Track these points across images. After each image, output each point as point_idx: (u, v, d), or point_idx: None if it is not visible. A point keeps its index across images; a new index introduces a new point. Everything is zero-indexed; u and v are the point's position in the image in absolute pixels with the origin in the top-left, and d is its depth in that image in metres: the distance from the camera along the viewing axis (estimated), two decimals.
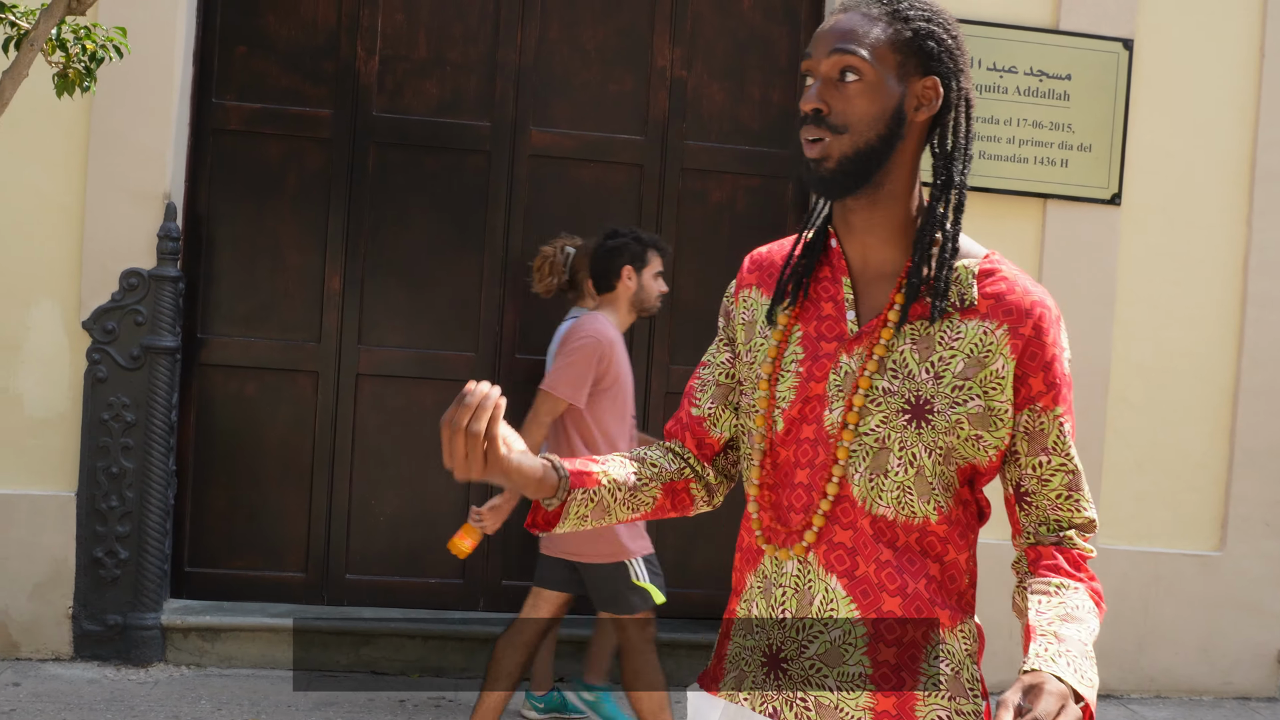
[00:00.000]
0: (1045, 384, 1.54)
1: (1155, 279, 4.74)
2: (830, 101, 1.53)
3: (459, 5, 4.54)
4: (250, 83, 4.46)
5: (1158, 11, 4.66)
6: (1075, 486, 1.57)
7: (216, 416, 4.54)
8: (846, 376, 1.57)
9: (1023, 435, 1.56)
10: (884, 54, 1.53)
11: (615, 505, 1.68)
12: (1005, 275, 1.57)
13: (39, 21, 2.81)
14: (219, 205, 4.48)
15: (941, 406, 1.53)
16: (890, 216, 1.59)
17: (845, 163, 1.53)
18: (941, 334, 1.55)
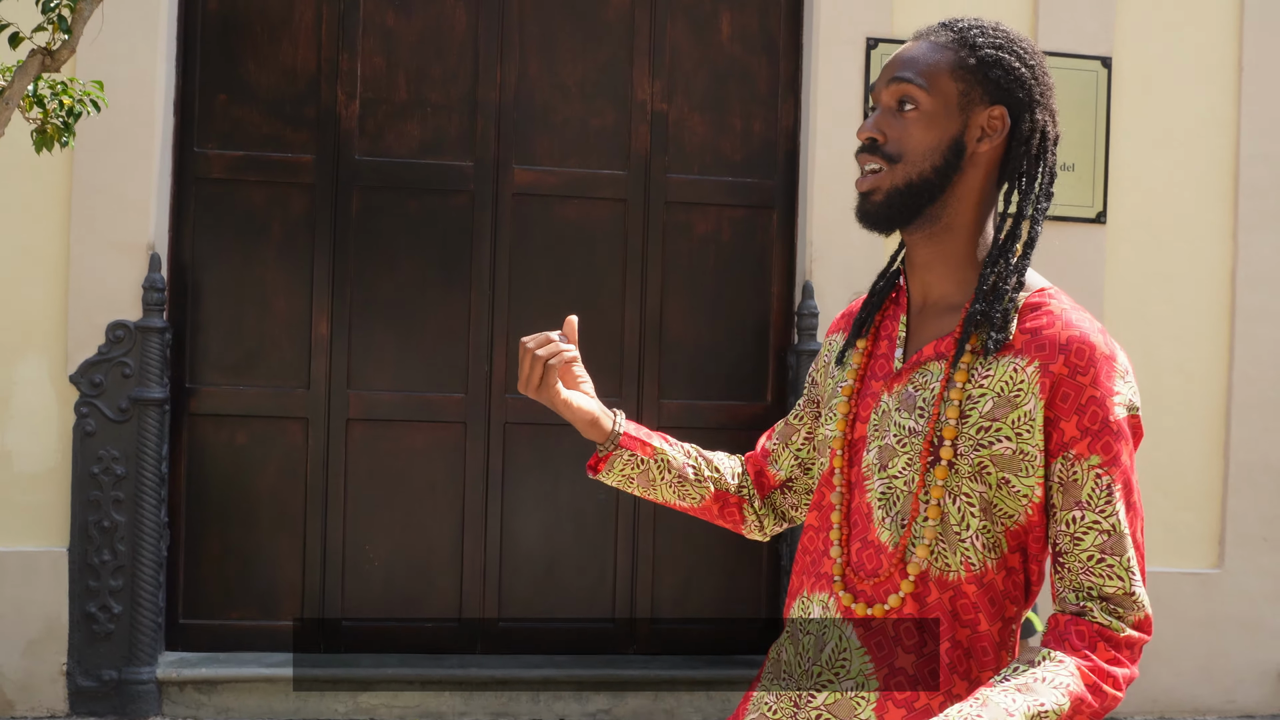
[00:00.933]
0: (1079, 429, 1.40)
1: (1143, 296, 4.74)
2: (887, 130, 1.49)
3: (438, 46, 4.55)
4: (232, 130, 4.46)
5: (1134, 29, 4.68)
6: (1111, 550, 1.40)
7: (207, 466, 4.51)
8: (884, 416, 1.52)
9: (1057, 486, 1.43)
10: (944, 82, 1.48)
11: (661, 483, 1.73)
12: (1050, 309, 1.46)
13: (14, 79, 2.80)
14: (204, 254, 4.47)
15: (965, 449, 1.43)
16: (951, 251, 1.51)
17: (894, 195, 1.48)
18: (973, 371, 1.45)
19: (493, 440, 4.60)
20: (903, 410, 1.50)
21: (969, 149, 1.49)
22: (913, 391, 1.50)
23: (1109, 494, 1.41)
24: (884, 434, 1.51)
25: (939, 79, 1.48)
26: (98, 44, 4.04)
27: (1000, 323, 1.44)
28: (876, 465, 1.50)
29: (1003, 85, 1.49)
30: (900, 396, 1.51)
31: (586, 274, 4.64)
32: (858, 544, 1.52)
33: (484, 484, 4.60)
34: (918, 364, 1.51)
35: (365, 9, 4.50)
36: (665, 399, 4.67)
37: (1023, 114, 1.50)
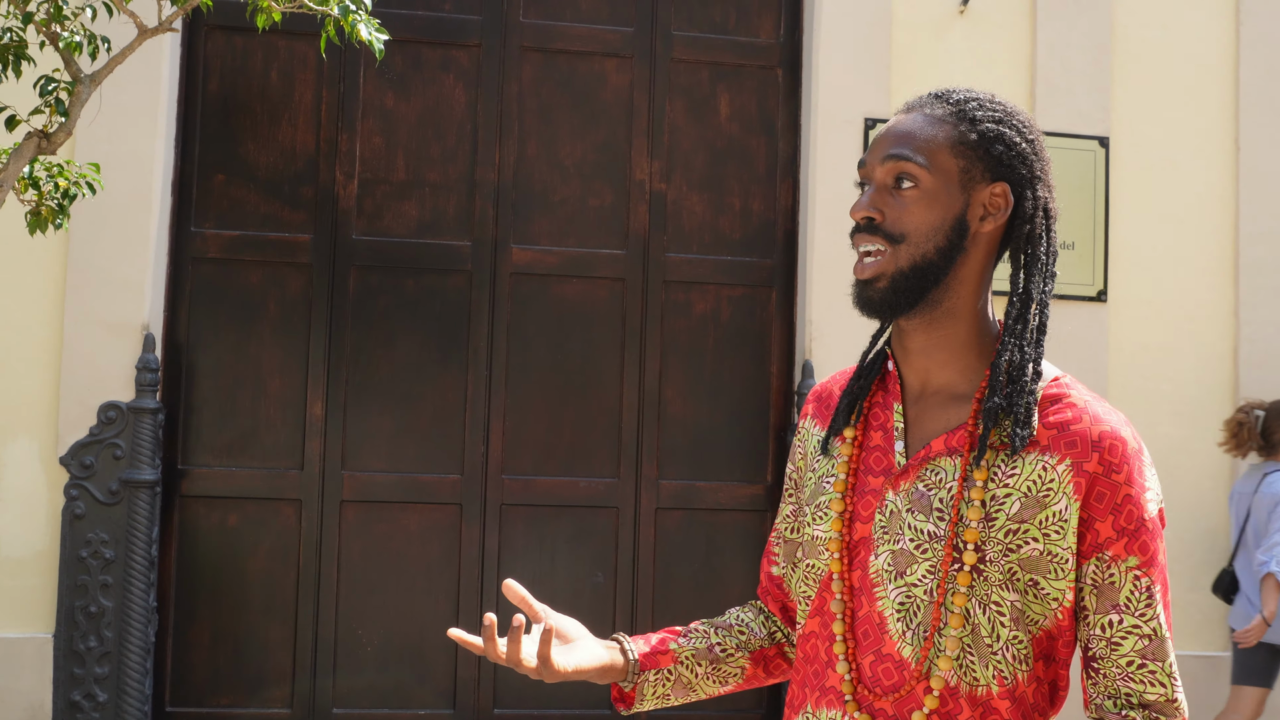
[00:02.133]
0: (1115, 529, 1.33)
1: (1147, 374, 4.70)
2: (885, 209, 1.40)
3: (437, 126, 4.55)
4: (229, 210, 4.45)
5: (1131, 109, 4.70)
6: (1152, 655, 1.33)
7: (199, 549, 4.43)
8: (893, 517, 1.40)
9: (1090, 588, 1.35)
10: (944, 159, 1.40)
11: (698, 681, 1.57)
12: (1073, 401, 1.38)
13: (9, 162, 2.78)
14: (199, 334, 4.43)
15: (994, 554, 1.34)
16: (951, 337, 1.42)
17: (899, 280, 1.38)
18: (995, 469, 1.36)
19: (489, 522, 4.53)
20: (916, 511, 1.38)
21: (972, 228, 1.41)
22: (925, 491, 1.39)
23: (1149, 596, 1.33)
24: (897, 537, 1.39)
25: (939, 155, 1.40)
26: (96, 124, 4.05)
27: (1024, 417, 1.36)
28: (891, 572, 1.39)
29: (1004, 161, 1.41)
30: (911, 496, 1.39)
31: (585, 353, 4.60)
32: (870, 657, 1.39)
33: (479, 566, 4.52)
34: (926, 460, 1.40)
35: (365, 90, 4.51)
36: (664, 479, 4.61)
37: (1025, 190, 1.42)
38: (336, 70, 4.48)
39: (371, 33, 2.82)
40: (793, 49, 4.70)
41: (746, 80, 4.70)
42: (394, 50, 4.52)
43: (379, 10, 4.39)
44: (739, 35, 4.70)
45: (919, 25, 4.57)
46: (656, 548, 4.60)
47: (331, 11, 2.80)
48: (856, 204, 1.42)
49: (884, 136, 1.44)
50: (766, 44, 4.71)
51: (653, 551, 4.59)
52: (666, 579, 4.59)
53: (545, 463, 4.57)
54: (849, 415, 1.48)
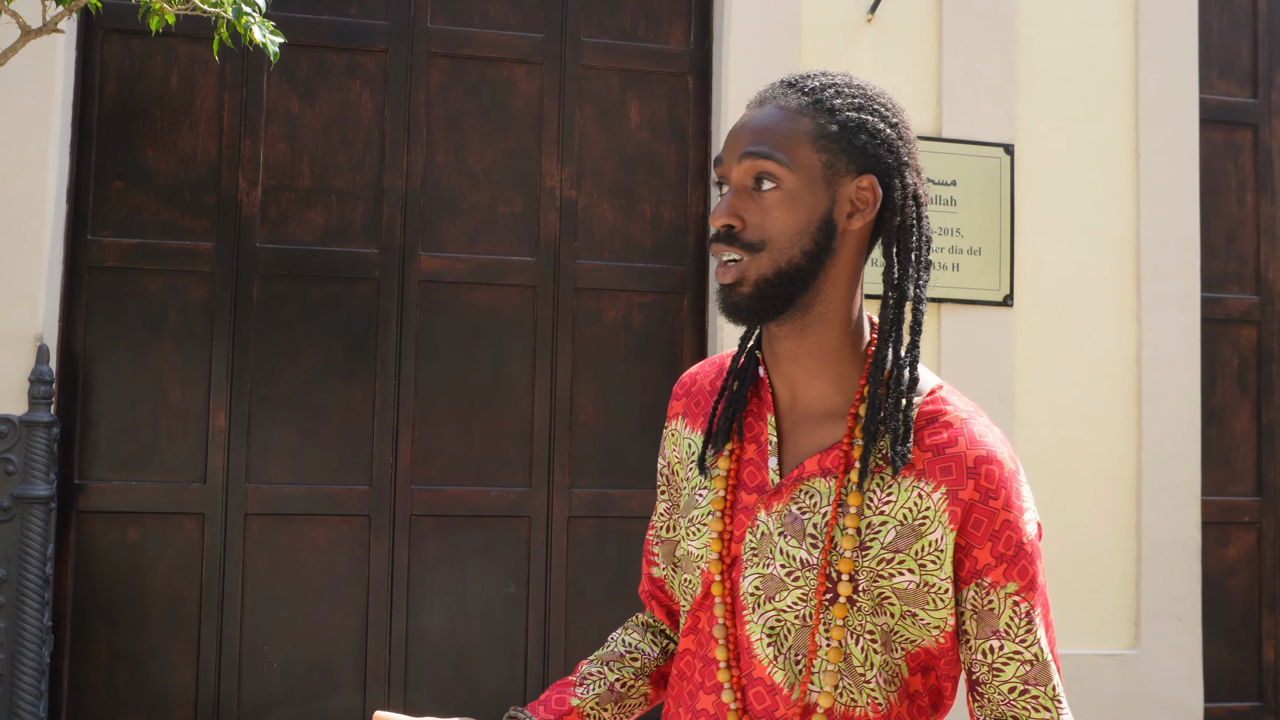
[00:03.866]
0: (994, 556, 1.27)
1: (1052, 378, 4.77)
2: (745, 214, 1.30)
3: (343, 133, 4.48)
4: (128, 218, 4.33)
5: (1035, 117, 4.77)
6: (1035, 680, 1.28)
7: (96, 566, 4.31)
8: (764, 539, 1.33)
9: (970, 614, 1.30)
10: (804, 155, 1.29)
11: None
12: (950, 419, 1.31)
13: None
14: (97, 345, 4.31)
15: (865, 583, 1.28)
16: (822, 343, 1.34)
17: (765, 286, 1.29)
18: (871, 494, 1.29)
19: (398, 533, 4.46)
20: (788, 535, 1.31)
21: (839, 227, 1.31)
22: (798, 514, 1.31)
23: (1029, 621, 1.29)
24: (767, 561, 1.32)
25: (798, 151, 1.29)
26: None
27: (903, 434, 1.28)
28: (759, 596, 1.32)
29: (869, 151, 1.31)
30: (784, 519, 1.32)
31: (495, 361, 4.55)
32: (747, 679, 1.34)
33: (389, 579, 4.45)
34: (800, 480, 1.33)
35: (269, 96, 4.42)
36: (576, 488, 4.57)
37: (893, 180, 1.32)
38: (239, 75, 4.39)
39: (266, 35, 2.76)
40: (702, 56, 4.70)
41: (657, 87, 4.69)
42: (299, 56, 4.44)
43: (281, 15, 4.32)
44: (649, 42, 4.69)
45: (827, 32, 4.59)
46: (569, 556, 4.56)
47: (225, 14, 2.73)
48: (715, 210, 1.32)
49: (739, 133, 1.33)
50: (677, 51, 4.70)
51: (565, 560, 4.55)
52: (580, 588, 4.55)
53: (455, 472, 4.51)
54: (728, 432, 1.39)
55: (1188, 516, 4.81)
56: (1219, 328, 5.06)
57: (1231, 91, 5.12)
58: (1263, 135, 5.15)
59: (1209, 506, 4.99)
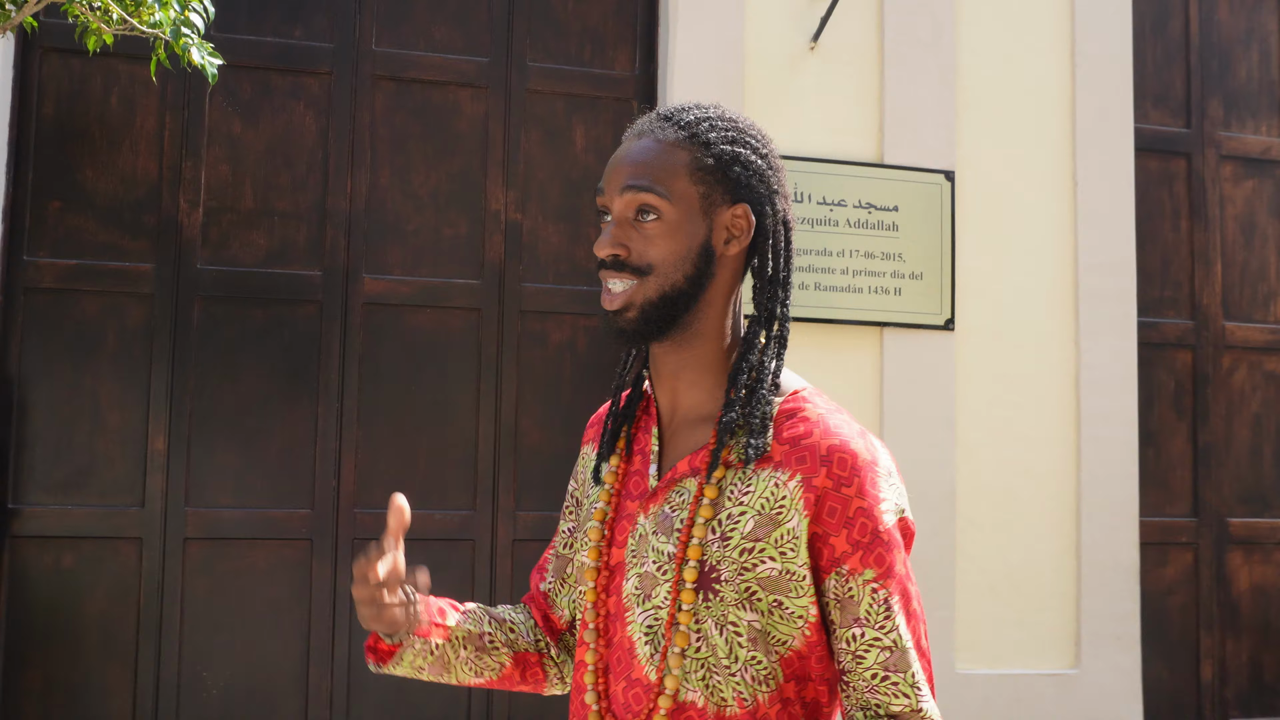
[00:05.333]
0: (850, 543, 1.31)
1: (993, 401, 4.83)
2: (629, 243, 1.38)
3: (286, 155, 4.46)
4: (66, 238, 4.28)
5: (975, 145, 4.84)
6: (895, 666, 1.32)
7: (30, 592, 4.23)
8: (641, 540, 1.39)
9: (834, 603, 1.33)
10: (684, 187, 1.37)
11: (457, 663, 1.53)
12: (808, 414, 1.36)
13: None
14: (32, 366, 4.25)
15: (729, 574, 1.32)
16: (699, 357, 1.41)
17: (650, 309, 1.37)
18: (732, 487, 1.34)
19: (341, 557, 4.42)
20: (659, 533, 1.37)
21: (717, 252, 1.39)
22: (669, 512, 1.37)
23: (887, 608, 1.32)
24: (643, 560, 1.38)
25: (677, 184, 1.37)
26: None
27: (759, 428, 1.34)
28: (639, 595, 1.38)
29: (743, 182, 1.39)
30: (657, 518, 1.38)
31: (439, 384, 4.54)
32: (623, 683, 1.39)
33: (331, 603, 4.41)
34: (673, 481, 1.39)
35: (211, 117, 4.40)
36: (521, 510, 4.56)
37: (765, 207, 1.41)
38: (181, 96, 4.36)
39: (204, 57, 2.74)
40: (648, 81, 4.73)
41: (602, 112, 4.71)
42: (242, 77, 4.42)
43: (224, 36, 4.30)
44: (594, 67, 4.71)
45: (771, 60, 4.64)
46: (514, 580, 4.54)
47: (163, 35, 2.72)
48: (600, 240, 1.39)
49: (619, 165, 1.40)
50: (622, 76, 4.73)
51: (510, 584, 4.54)
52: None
53: None
54: (613, 444, 1.48)
55: (1126, 537, 4.88)
56: (1155, 351, 5.15)
57: (1165, 121, 5.23)
58: (1195, 164, 5.26)
59: (1147, 527, 5.06)
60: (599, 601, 1.42)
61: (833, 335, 4.65)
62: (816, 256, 4.60)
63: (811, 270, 4.60)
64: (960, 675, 4.69)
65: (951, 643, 4.69)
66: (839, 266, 4.65)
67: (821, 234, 4.62)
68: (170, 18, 2.69)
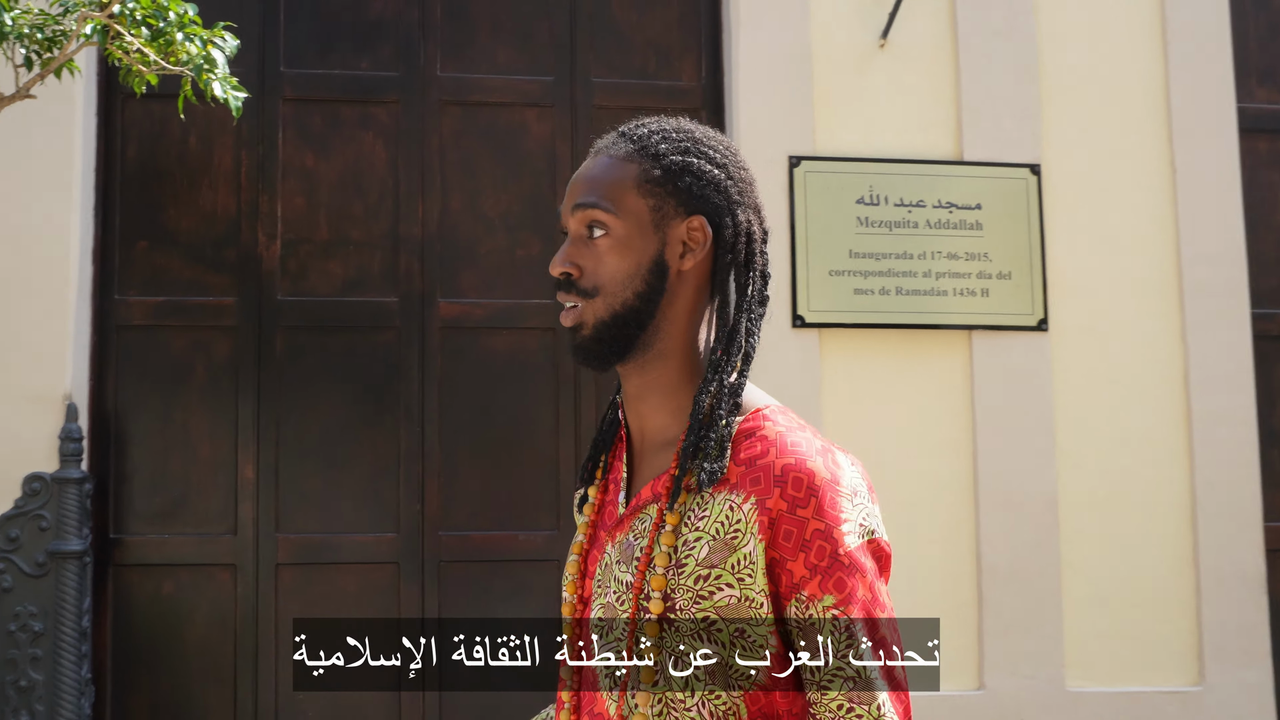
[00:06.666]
0: (808, 567, 1.25)
1: (1094, 404, 4.59)
2: (581, 262, 1.35)
3: (358, 185, 4.55)
4: (153, 276, 4.44)
5: (1061, 135, 4.63)
6: (859, 699, 1.24)
7: (134, 618, 4.39)
8: (606, 570, 1.36)
9: (796, 631, 1.27)
10: (631, 201, 1.34)
11: None
12: (765, 433, 1.30)
13: None
14: (127, 401, 4.42)
15: (684, 603, 1.27)
16: (663, 378, 1.37)
17: (602, 329, 1.34)
18: (689, 511, 1.29)
19: (427, 579, 4.46)
20: (621, 563, 1.33)
21: (672, 268, 1.35)
22: (632, 540, 1.33)
23: (849, 636, 1.24)
24: (605, 591, 1.34)
25: (625, 198, 1.34)
26: (8, 193, 4.07)
27: (716, 452, 1.29)
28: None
29: (695, 192, 1.35)
30: (621, 547, 1.34)
31: (518, 405, 4.55)
32: (589, 716, 1.35)
33: (420, 626, 4.45)
34: (637, 509, 1.35)
35: (284, 152, 4.51)
36: None
37: (724, 219, 1.36)
38: (255, 132, 4.49)
39: (228, 90, 2.80)
40: (715, 90, 4.67)
41: None
42: (312, 110, 4.53)
43: (294, 72, 4.41)
44: (659, 79, 4.67)
45: (839, 60, 4.53)
46: None
47: (188, 71, 2.79)
48: (554, 259, 1.38)
49: (574, 184, 1.39)
50: (689, 86, 4.68)
51: None
52: None
53: (482, 517, 4.51)
54: (593, 474, 1.45)
55: (1250, 543, 4.58)
56: (1274, 345, 4.83)
57: (1273, 99, 4.91)
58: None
59: (1273, 533, 4.74)
60: (573, 636, 1.38)
61: (918, 341, 4.50)
62: (896, 260, 4.46)
63: (891, 275, 4.46)
64: (1071, 694, 4.46)
65: (1060, 659, 4.47)
66: (920, 269, 4.50)
67: (901, 237, 4.48)
68: (192, 54, 2.76)
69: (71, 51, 2.82)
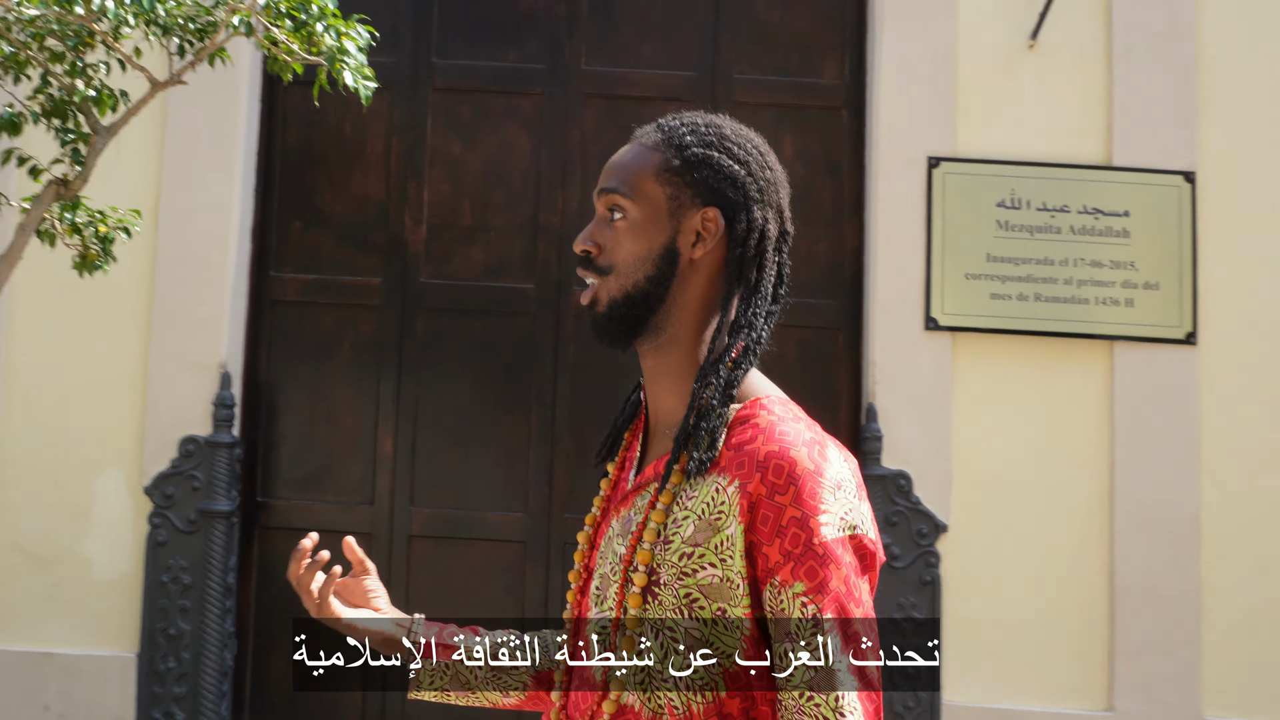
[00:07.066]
0: (781, 554, 1.27)
1: (1245, 423, 4.39)
2: (601, 241, 1.43)
3: (501, 173, 4.68)
4: (306, 255, 4.67)
5: (1219, 142, 4.43)
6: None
7: (277, 578, 4.63)
8: (607, 543, 1.43)
9: (769, 616, 1.30)
10: (649, 187, 1.41)
11: (477, 683, 1.59)
12: (758, 421, 1.34)
13: (31, 209, 3.02)
14: (278, 373, 4.66)
15: (668, 578, 1.32)
16: (674, 363, 1.42)
17: (614, 307, 1.41)
18: (681, 493, 1.35)
19: (552, 560, 4.58)
20: (620, 536, 1.40)
21: (684, 255, 1.41)
22: (631, 515, 1.40)
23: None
24: (605, 562, 1.42)
25: (644, 184, 1.41)
26: (177, 173, 4.34)
27: (708, 440, 1.34)
28: (598, 596, 1.42)
29: (712, 185, 1.41)
30: (623, 521, 1.41)
31: None
32: (577, 680, 1.42)
33: (544, 605, 4.57)
34: (640, 487, 1.42)
35: (433, 140, 4.68)
36: None
37: (739, 214, 1.41)
38: (406, 120, 4.67)
39: (359, 80, 2.94)
40: (857, 89, 4.64)
41: (811, 122, 4.66)
42: (461, 101, 4.68)
43: (445, 62, 4.57)
44: (801, 77, 4.67)
45: (986, 60, 4.44)
46: None
47: (323, 61, 2.94)
48: (579, 237, 1.45)
49: (605, 169, 1.47)
50: (830, 85, 4.66)
51: None
52: None
53: None
54: (614, 450, 1.53)
55: None
56: None
57: None
58: None
59: None
60: (575, 603, 1.47)
61: (1056, 349, 4.38)
62: (1037, 266, 4.35)
63: (1031, 280, 4.36)
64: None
65: (1197, 686, 4.30)
66: (1062, 276, 4.38)
67: (1042, 242, 4.37)
68: (329, 45, 2.91)
69: (221, 41, 3.00)
